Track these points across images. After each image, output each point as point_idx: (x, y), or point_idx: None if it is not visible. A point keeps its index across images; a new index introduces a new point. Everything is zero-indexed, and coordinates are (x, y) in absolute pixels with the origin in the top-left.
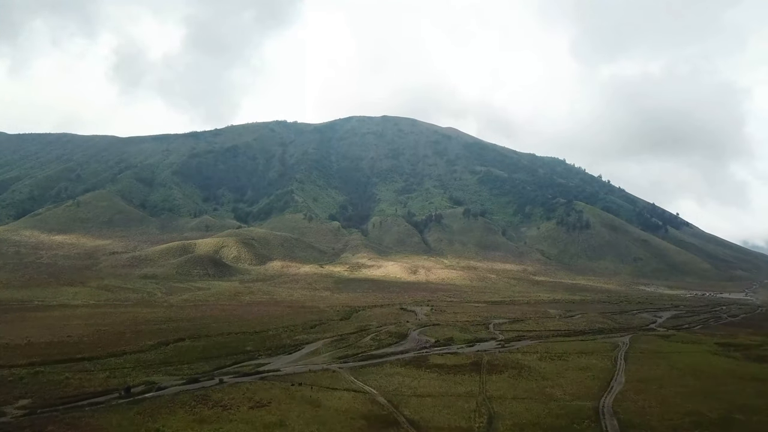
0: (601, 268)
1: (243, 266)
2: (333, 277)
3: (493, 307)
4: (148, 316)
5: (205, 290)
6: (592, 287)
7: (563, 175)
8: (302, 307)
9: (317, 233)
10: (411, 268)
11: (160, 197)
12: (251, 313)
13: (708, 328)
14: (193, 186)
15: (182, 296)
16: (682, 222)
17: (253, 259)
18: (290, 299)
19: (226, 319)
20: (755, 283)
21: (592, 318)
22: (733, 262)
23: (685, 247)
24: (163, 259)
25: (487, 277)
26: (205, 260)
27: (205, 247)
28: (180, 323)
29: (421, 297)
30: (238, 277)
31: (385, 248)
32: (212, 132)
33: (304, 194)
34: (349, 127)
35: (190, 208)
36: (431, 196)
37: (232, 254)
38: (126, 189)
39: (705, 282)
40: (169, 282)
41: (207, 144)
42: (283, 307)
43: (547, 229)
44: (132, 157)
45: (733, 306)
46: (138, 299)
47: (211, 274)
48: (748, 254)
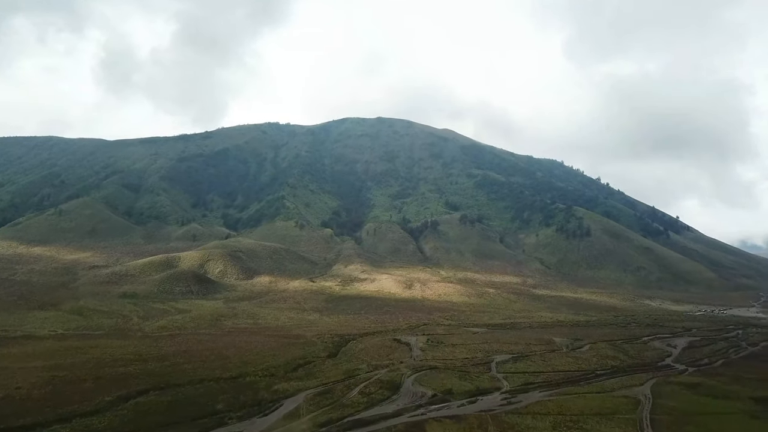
0: (603, 278)
1: (229, 281)
2: (323, 294)
3: (493, 333)
4: (117, 353)
5: (185, 313)
6: (596, 303)
7: (562, 178)
8: (287, 336)
9: (309, 242)
10: (406, 281)
11: (147, 204)
12: (231, 346)
13: (731, 365)
14: (181, 191)
15: (159, 322)
16: (683, 226)
17: (240, 274)
18: (276, 324)
19: (201, 356)
20: (762, 293)
21: (602, 350)
22: (737, 269)
23: (687, 253)
24: (144, 274)
25: (485, 292)
26: (188, 276)
27: (189, 261)
28: (149, 364)
29: (416, 320)
30: (223, 294)
31: (380, 258)
32: (202, 135)
33: (295, 200)
34: (343, 129)
35: (177, 216)
36: (427, 201)
37: (217, 268)
38: (111, 196)
39: (710, 293)
40: (148, 302)
41: (197, 147)
42: (266, 336)
43: (546, 237)
44: (119, 161)
45: (749, 329)
46: (111, 326)
47: (194, 292)
48: (751, 260)
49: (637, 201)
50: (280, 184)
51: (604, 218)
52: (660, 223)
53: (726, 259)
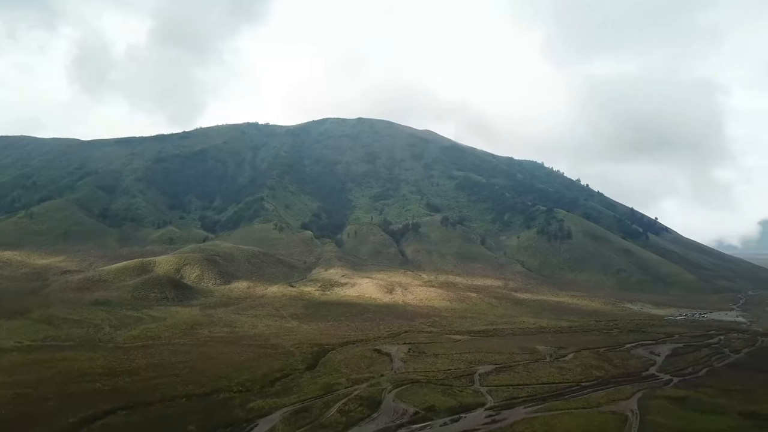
0: (584, 281)
1: (206, 286)
2: (303, 299)
3: (476, 341)
4: (85, 367)
5: (160, 321)
6: (578, 307)
7: (542, 180)
8: (265, 346)
9: (288, 244)
10: (387, 286)
11: (123, 206)
12: (206, 357)
13: (716, 374)
14: (158, 193)
15: (132, 331)
16: (662, 227)
17: (217, 279)
18: (253, 333)
19: (174, 369)
20: (741, 295)
21: (586, 359)
22: (715, 270)
23: (666, 255)
24: (118, 280)
25: (467, 296)
26: (164, 281)
27: (165, 266)
28: (119, 379)
29: (397, 327)
30: (199, 300)
31: (361, 261)
32: (180, 135)
33: (275, 201)
34: (323, 129)
35: (154, 218)
36: (408, 203)
37: (194, 273)
38: (86, 197)
39: (690, 295)
40: (122, 309)
41: (174, 147)
42: (243, 346)
43: (528, 239)
44: (94, 162)
45: (732, 335)
46: (81, 337)
47: (170, 298)
48: (728, 261)
49: (617, 202)
50: (259, 185)
51: (584, 220)
52: (639, 224)
53: (704, 260)
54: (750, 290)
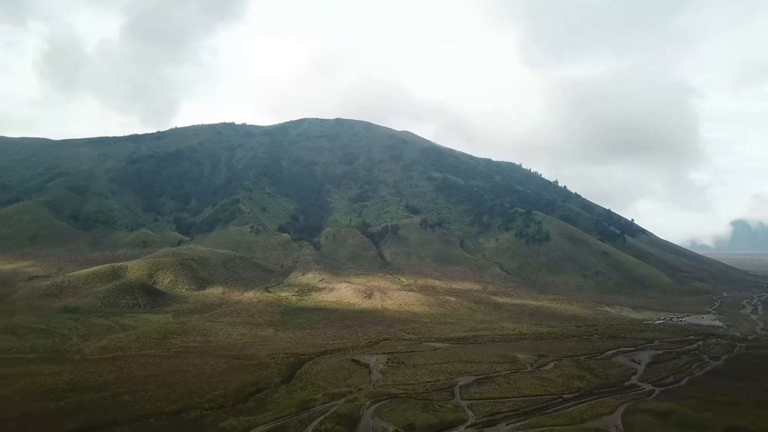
0: (563, 284)
1: (180, 292)
2: (279, 305)
3: (456, 350)
4: (49, 382)
5: (131, 330)
6: (557, 312)
7: (520, 181)
8: (239, 357)
9: (265, 248)
10: (366, 290)
11: (94, 208)
12: (178, 370)
13: (698, 384)
14: (131, 194)
15: (101, 342)
16: (638, 229)
17: (192, 284)
18: (227, 342)
19: (144, 384)
20: (716, 297)
21: (567, 368)
22: (691, 272)
23: (643, 257)
24: (88, 286)
25: (446, 300)
26: (135, 287)
27: (137, 271)
28: (84, 396)
29: (376, 334)
30: (172, 307)
31: (339, 264)
32: (154, 135)
33: (251, 203)
34: (301, 130)
35: (127, 220)
36: (387, 205)
37: (167, 278)
38: (56, 199)
39: (667, 297)
40: (91, 317)
41: (148, 148)
42: (216, 357)
43: (506, 241)
44: (64, 162)
45: (710, 340)
46: (47, 348)
47: (141, 305)
48: (703, 262)
49: (594, 204)
50: (235, 186)
51: (562, 222)
52: (616, 226)
53: (680, 262)
54: (725, 291)
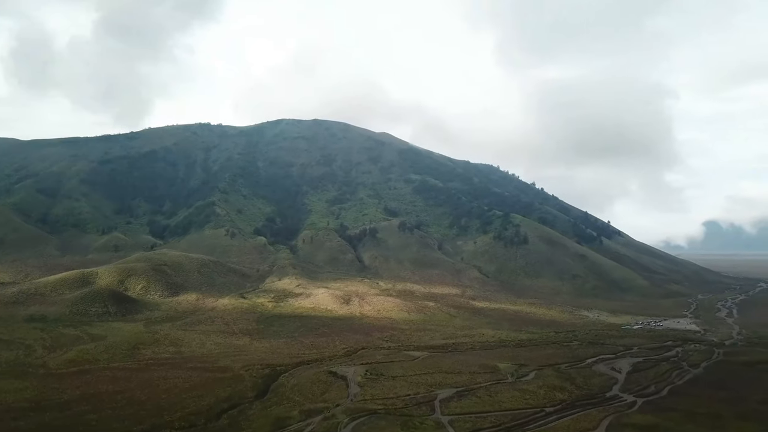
0: (541, 287)
1: (152, 299)
2: (255, 312)
3: (435, 359)
4: (10, 400)
5: (100, 340)
6: (536, 317)
7: (498, 183)
8: (213, 369)
9: (241, 251)
10: (343, 296)
11: (64, 210)
12: (147, 385)
13: (679, 394)
14: (103, 197)
15: (67, 353)
16: (614, 231)
17: (165, 290)
18: (200, 353)
19: (111, 401)
20: (691, 300)
21: (548, 379)
22: (667, 274)
23: (620, 259)
24: (56, 293)
25: (425, 306)
26: (106, 295)
27: (108, 277)
28: (47, 415)
29: (354, 343)
30: (144, 314)
31: (316, 268)
32: (127, 135)
33: (227, 205)
34: (278, 131)
35: (98, 223)
36: (365, 207)
37: (139, 285)
38: (24, 201)
39: (644, 300)
40: (58, 327)
41: (121, 148)
42: (189, 370)
43: (484, 244)
44: (33, 163)
45: (688, 346)
46: (10, 362)
47: (112, 313)
48: (678, 264)
49: (571, 206)
50: (210, 188)
51: (540, 225)
52: (593, 228)
53: (655, 264)
54: (699, 294)
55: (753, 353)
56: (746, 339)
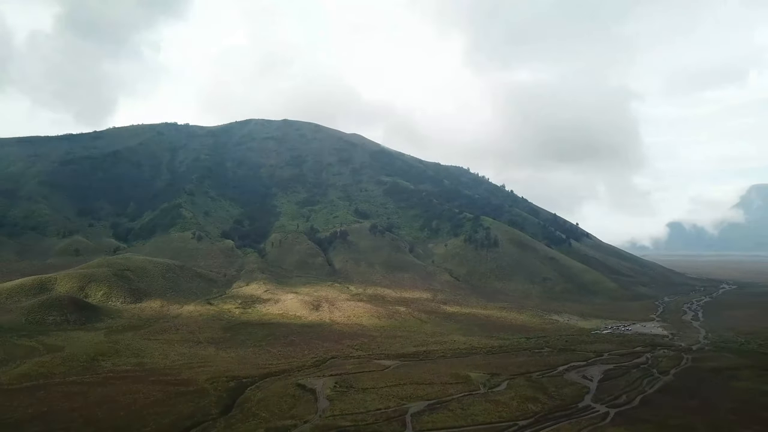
0: (512, 290)
1: (114, 305)
2: (222, 319)
3: (406, 368)
4: None
5: (57, 351)
6: (507, 322)
7: (469, 186)
8: (176, 382)
9: (207, 255)
10: (313, 301)
11: (23, 213)
12: (105, 401)
13: (651, 404)
14: (64, 198)
15: (21, 367)
16: (583, 233)
17: (127, 297)
18: (163, 365)
19: (65, 421)
20: (658, 302)
21: (521, 389)
22: (634, 276)
23: (588, 262)
24: (11, 300)
25: (396, 311)
26: (65, 302)
27: (67, 283)
28: None
29: (323, 351)
30: (105, 323)
31: (285, 272)
32: (90, 135)
33: (194, 207)
34: (246, 131)
35: (59, 226)
36: (336, 209)
37: (101, 291)
38: None
39: (613, 303)
40: (13, 337)
41: (84, 149)
42: (150, 384)
43: (455, 247)
44: None
45: (657, 351)
46: None
47: (71, 321)
48: (644, 266)
49: (540, 208)
50: (177, 190)
51: (510, 228)
52: (562, 230)
53: (622, 266)
54: (666, 296)
55: (720, 359)
56: (713, 343)
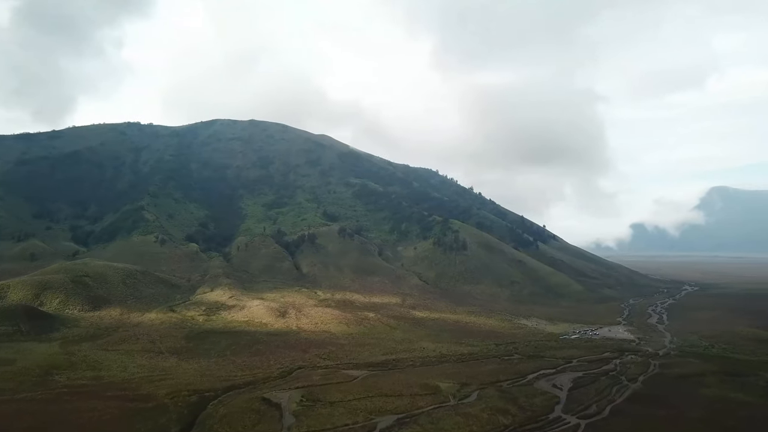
0: (480, 293)
1: (71, 313)
2: (184, 327)
3: (375, 379)
4: None
5: (7, 365)
6: (476, 327)
7: (437, 188)
8: (134, 397)
9: (171, 260)
10: (280, 307)
11: None
12: (58, 420)
13: (621, 414)
14: (20, 200)
15: None
16: (550, 235)
17: (86, 304)
18: (122, 378)
19: None
20: (624, 305)
21: (491, 400)
22: (600, 278)
23: (555, 264)
24: None
25: (365, 317)
26: (17, 311)
27: (21, 291)
28: None
29: (290, 361)
30: (61, 332)
31: (251, 277)
32: (49, 134)
33: (157, 210)
34: (212, 131)
35: (14, 229)
36: (304, 212)
37: (57, 299)
38: None
39: (579, 306)
40: None
41: (42, 148)
42: (107, 400)
43: (424, 250)
44: None
45: (625, 357)
46: None
47: (24, 331)
48: (609, 268)
49: (508, 210)
50: (139, 191)
51: (479, 231)
52: (529, 233)
53: (588, 268)
54: (631, 298)
55: (686, 365)
56: (678, 348)
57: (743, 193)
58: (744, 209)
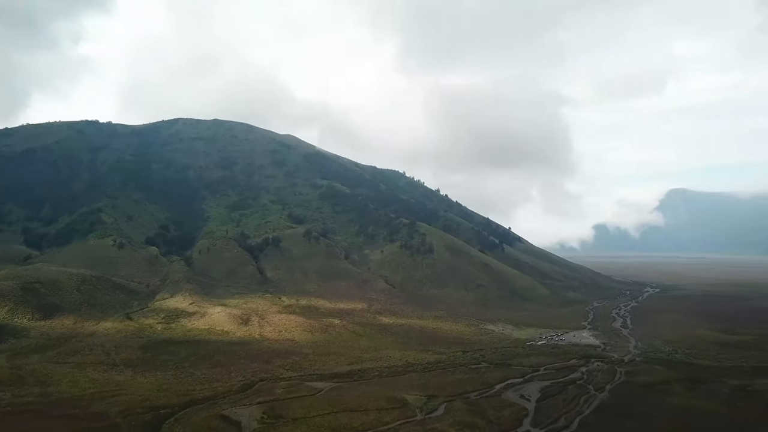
0: (447, 297)
1: (21, 323)
2: (141, 336)
3: (340, 391)
4: None
5: None
6: (443, 333)
7: (405, 190)
8: (84, 417)
9: (129, 264)
10: (242, 315)
11: None
12: None
13: (589, 426)
14: None
15: None
16: (515, 237)
17: (36, 313)
18: (72, 394)
19: None
20: (589, 308)
21: (459, 414)
22: (564, 281)
23: (521, 267)
24: None
25: (330, 324)
26: None
27: None
28: None
29: (252, 373)
30: (9, 343)
31: (213, 282)
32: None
33: (115, 212)
34: (174, 131)
35: None
36: (269, 214)
37: (5, 307)
38: None
39: (545, 310)
40: None
41: None
42: (55, 419)
43: (391, 253)
44: None
45: (591, 364)
46: None
47: None
48: (573, 269)
49: (474, 212)
50: (97, 193)
51: (446, 234)
52: (495, 235)
53: (553, 270)
54: (595, 301)
55: (652, 372)
56: (643, 354)
57: (701, 195)
58: (701, 211)
